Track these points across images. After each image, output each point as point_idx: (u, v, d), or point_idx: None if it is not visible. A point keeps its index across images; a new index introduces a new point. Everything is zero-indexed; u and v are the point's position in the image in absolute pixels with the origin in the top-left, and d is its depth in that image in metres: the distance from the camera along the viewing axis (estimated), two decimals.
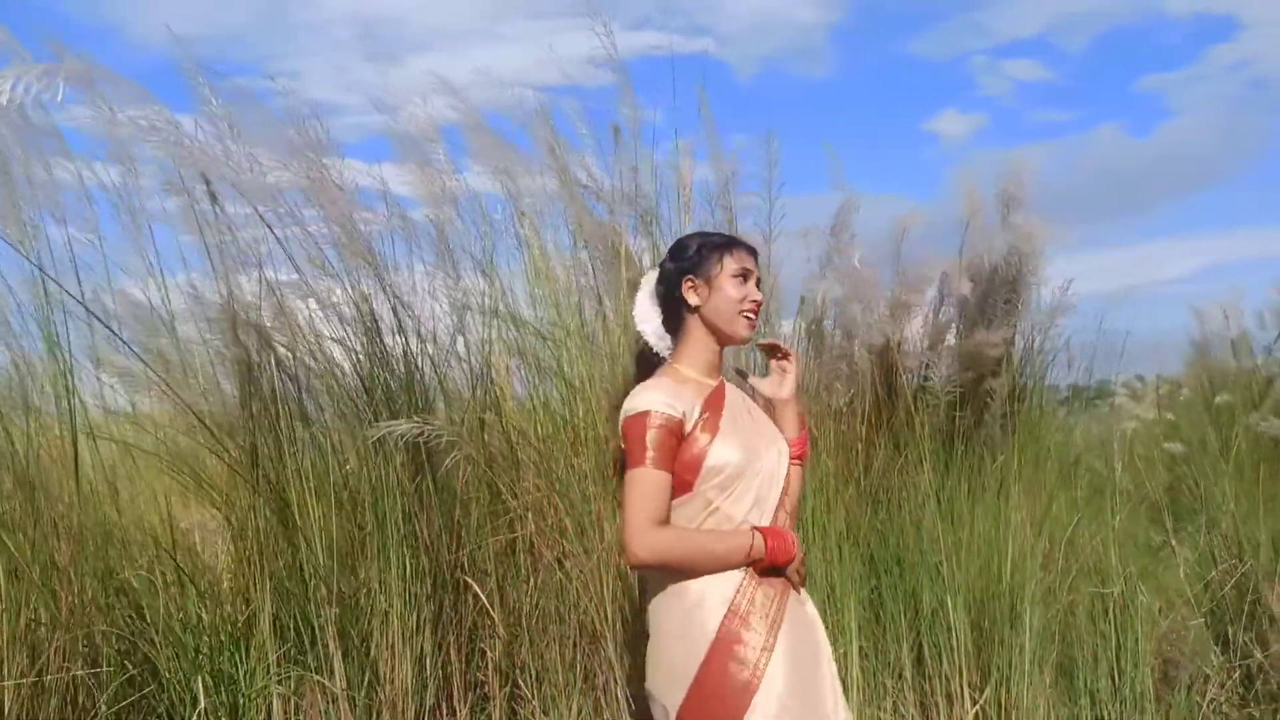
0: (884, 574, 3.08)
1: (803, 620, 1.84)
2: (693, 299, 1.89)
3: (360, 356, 2.77)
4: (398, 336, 2.81)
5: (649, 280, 1.99)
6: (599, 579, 2.73)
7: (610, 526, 2.74)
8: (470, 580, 2.74)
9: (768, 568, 1.79)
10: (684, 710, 1.73)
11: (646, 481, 1.75)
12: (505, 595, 2.80)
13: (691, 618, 1.76)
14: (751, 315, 1.90)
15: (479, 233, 3.11)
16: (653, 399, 1.79)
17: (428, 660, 2.66)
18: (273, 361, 2.69)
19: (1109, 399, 4.65)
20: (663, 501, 1.76)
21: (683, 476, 1.79)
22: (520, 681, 2.78)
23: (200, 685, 2.38)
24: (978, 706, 2.97)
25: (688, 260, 1.91)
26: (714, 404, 1.85)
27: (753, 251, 1.95)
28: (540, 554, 2.84)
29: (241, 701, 2.49)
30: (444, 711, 2.71)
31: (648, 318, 1.96)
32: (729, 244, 1.93)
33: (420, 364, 2.86)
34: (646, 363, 1.95)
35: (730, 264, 1.89)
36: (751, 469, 1.82)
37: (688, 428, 1.79)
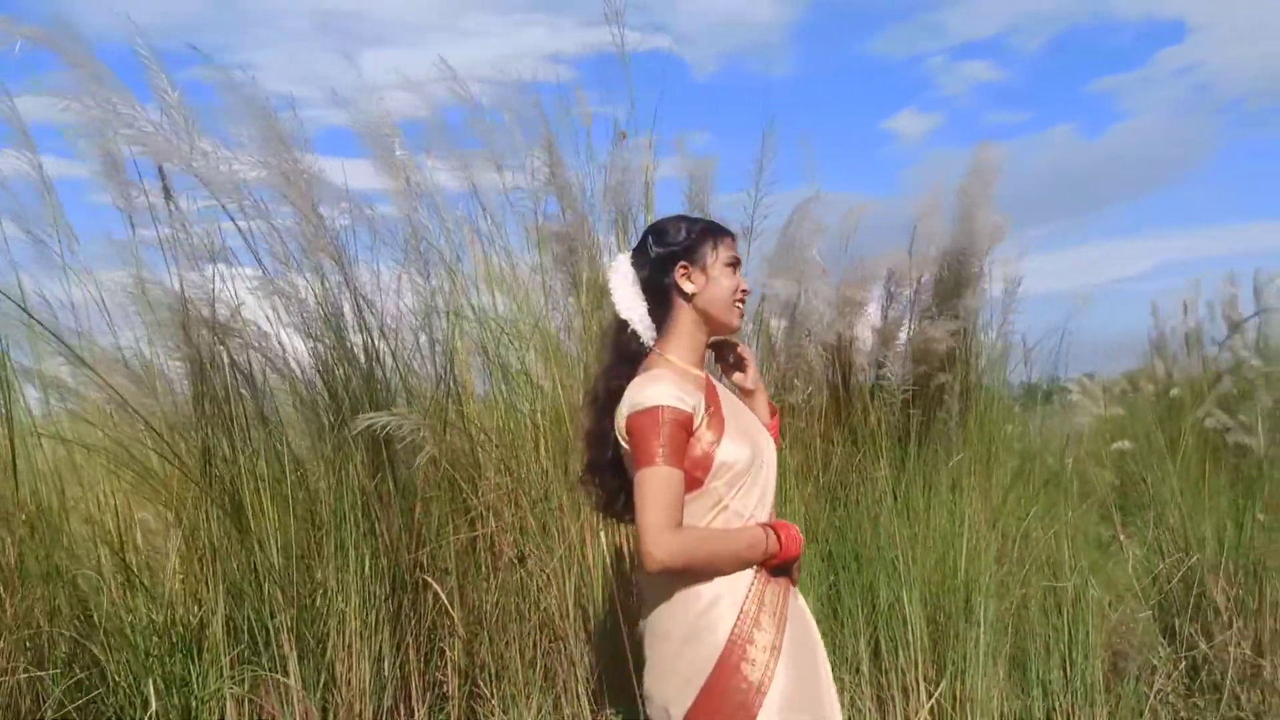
0: (841, 570, 3.11)
1: (799, 616, 1.82)
2: (687, 286, 1.80)
3: (322, 353, 2.73)
4: (361, 334, 2.78)
5: (623, 265, 1.86)
6: (561, 577, 2.72)
7: (574, 524, 2.73)
8: (430, 579, 2.72)
9: (779, 564, 1.76)
10: (691, 713, 1.69)
11: (662, 481, 1.65)
12: (465, 594, 2.79)
13: (702, 622, 1.70)
14: (742, 305, 1.85)
15: (440, 228, 3.08)
16: (663, 393, 1.68)
17: (386, 660, 2.64)
18: (226, 359, 2.64)
19: (1063, 396, 4.73)
20: (680, 501, 1.67)
21: (692, 474, 1.71)
22: (479, 680, 2.76)
23: (151, 688, 2.34)
24: (933, 699, 3.01)
25: (680, 245, 1.81)
26: (713, 398, 1.78)
27: (736, 238, 1.90)
28: (501, 552, 2.83)
29: (194, 704, 2.45)
30: (401, 712, 2.68)
31: (633, 305, 1.82)
32: (719, 230, 1.86)
33: (382, 360, 2.83)
34: (630, 354, 1.82)
35: (723, 252, 1.83)
36: (757, 463, 1.78)
37: (696, 422, 1.71)
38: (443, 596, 2.70)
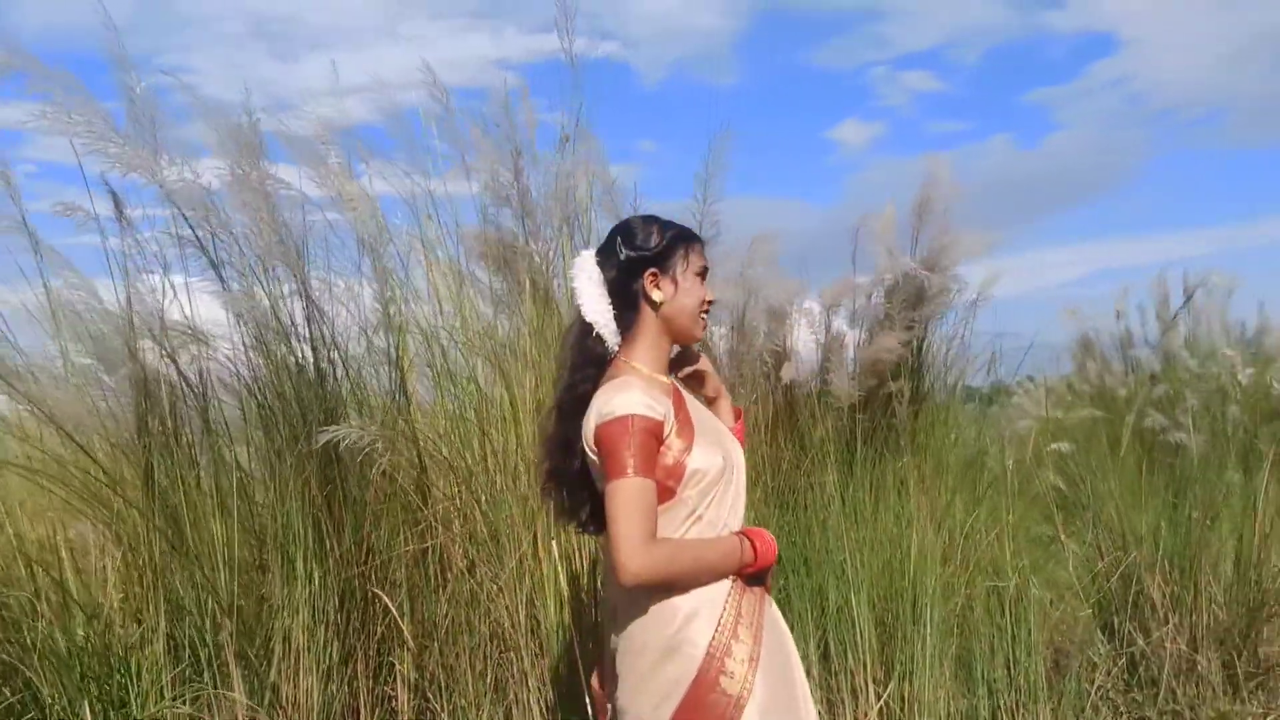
0: (791, 574, 3.13)
1: (774, 623, 1.80)
2: (656, 295, 1.75)
3: (273, 364, 2.68)
4: (311, 345, 2.73)
5: (588, 264, 1.79)
6: (512, 587, 2.70)
7: (526, 533, 2.71)
8: (380, 592, 2.68)
9: (754, 573, 1.74)
10: None
11: (635, 492, 1.60)
12: (416, 606, 2.75)
13: (680, 636, 1.67)
14: (707, 316, 1.83)
15: (377, 236, 3.02)
16: (632, 401, 1.63)
17: (334, 675, 2.59)
18: (174, 372, 2.58)
19: (1007, 399, 4.83)
20: (653, 512, 1.62)
21: (664, 484, 1.66)
22: (429, 694, 2.73)
23: (87, 710, 2.27)
24: (882, 701, 3.05)
25: (650, 251, 1.76)
26: (680, 405, 1.74)
27: (705, 245, 1.86)
28: (451, 563, 2.80)
29: None
30: None
31: (599, 308, 1.75)
32: (691, 237, 1.81)
33: (335, 370, 2.79)
34: (595, 357, 1.77)
35: (694, 260, 1.79)
36: (729, 470, 1.75)
37: (666, 430, 1.66)
38: (393, 609, 2.66)
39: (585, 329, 1.77)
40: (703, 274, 1.81)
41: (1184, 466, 4.10)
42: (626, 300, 1.77)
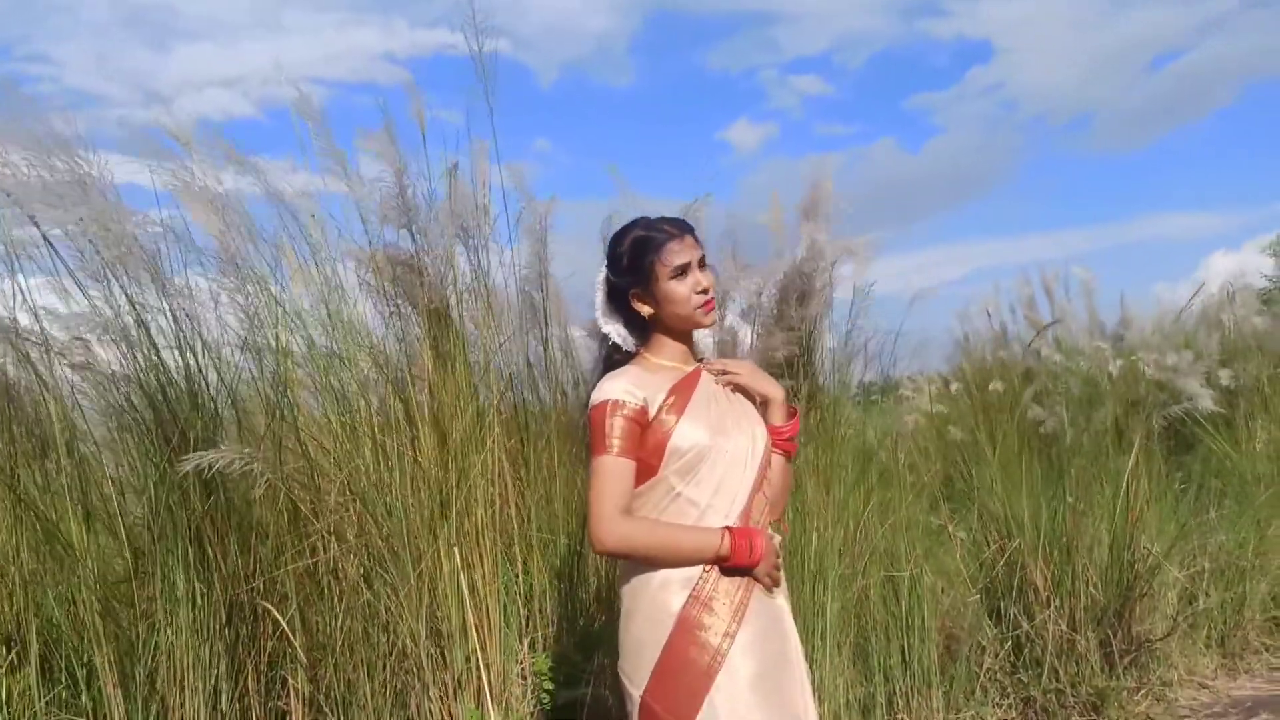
0: None
1: (770, 612, 1.84)
2: (644, 310, 1.89)
3: (140, 374, 2.52)
4: (180, 353, 2.57)
5: (599, 279, 1.95)
6: (413, 599, 2.62)
7: (429, 546, 2.64)
8: (269, 606, 2.57)
9: (732, 568, 1.78)
10: (648, 692, 1.74)
11: (608, 469, 1.75)
12: (308, 620, 2.65)
13: (657, 599, 1.77)
14: (708, 303, 1.87)
15: (253, 241, 2.86)
16: (614, 388, 1.80)
17: (223, 694, 2.48)
18: (35, 378, 2.41)
19: (893, 395, 4.97)
20: (626, 488, 1.77)
21: (648, 461, 1.79)
22: (326, 708, 2.63)
23: None
24: None
25: (625, 276, 1.88)
26: (684, 387, 1.85)
27: (683, 233, 1.87)
28: (345, 575, 2.70)
29: None
30: None
31: (608, 321, 1.94)
32: (657, 243, 1.85)
33: (206, 381, 2.63)
34: (615, 363, 1.93)
35: (663, 266, 1.83)
36: (716, 450, 1.81)
37: (651, 413, 1.80)
38: (283, 623, 2.55)
39: (603, 338, 1.96)
40: (683, 270, 1.84)
41: (1060, 455, 4.30)
42: (628, 315, 1.92)
